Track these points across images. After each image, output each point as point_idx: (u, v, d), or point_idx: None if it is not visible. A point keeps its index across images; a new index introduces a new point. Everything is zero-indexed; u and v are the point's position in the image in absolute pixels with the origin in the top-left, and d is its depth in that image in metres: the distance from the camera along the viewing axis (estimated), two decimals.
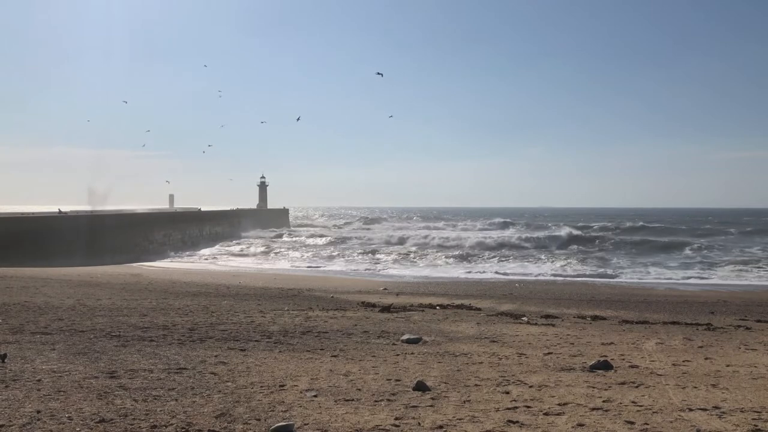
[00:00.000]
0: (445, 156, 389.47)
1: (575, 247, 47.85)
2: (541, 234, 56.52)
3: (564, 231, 56.34)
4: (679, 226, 74.26)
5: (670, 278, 29.34)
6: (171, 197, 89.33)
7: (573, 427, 4.75)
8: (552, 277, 30.20)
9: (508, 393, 5.84)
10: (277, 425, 4.55)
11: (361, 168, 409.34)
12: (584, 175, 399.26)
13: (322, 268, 34.73)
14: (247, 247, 46.44)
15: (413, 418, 4.92)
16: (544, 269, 33.21)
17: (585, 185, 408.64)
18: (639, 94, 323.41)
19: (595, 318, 13.40)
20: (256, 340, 8.73)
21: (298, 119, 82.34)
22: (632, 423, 4.86)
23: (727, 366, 7.53)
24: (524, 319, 12.70)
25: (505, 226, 79.51)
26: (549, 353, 8.28)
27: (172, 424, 4.59)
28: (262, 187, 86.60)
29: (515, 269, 33.45)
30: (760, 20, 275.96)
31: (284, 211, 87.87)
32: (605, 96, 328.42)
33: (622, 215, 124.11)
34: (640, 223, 73.76)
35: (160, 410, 4.96)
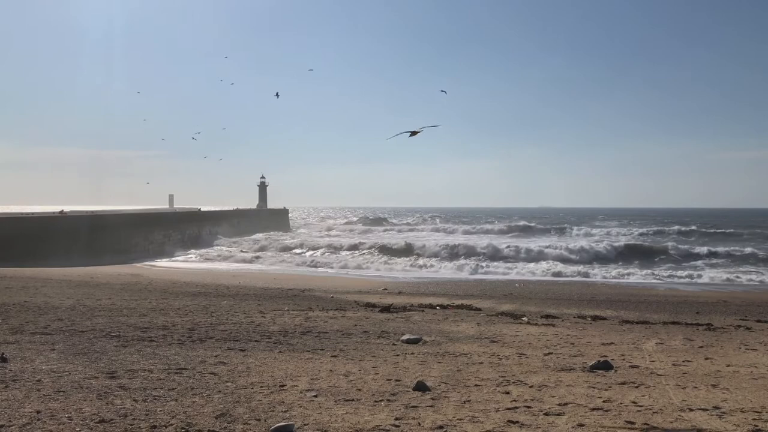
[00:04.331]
0: (444, 156, 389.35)
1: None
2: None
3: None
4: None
5: None
6: (171, 197, 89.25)
7: (573, 427, 4.75)
8: (552, 278, 30.19)
9: (508, 393, 5.84)
10: (277, 425, 4.54)
11: (359, 168, 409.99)
12: (583, 175, 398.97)
13: (320, 270, 34.68)
14: (247, 248, 46.37)
15: (413, 418, 4.91)
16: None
17: (583, 185, 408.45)
18: (639, 94, 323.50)
19: (595, 318, 13.40)
20: (256, 341, 8.72)
21: (277, 95, 79.96)
22: (632, 423, 4.85)
23: (728, 366, 7.53)
24: (524, 319, 12.69)
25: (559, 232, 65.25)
26: (549, 353, 8.27)
27: (172, 424, 4.58)
28: (262, 187, 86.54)
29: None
30: (765, 19, 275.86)
31: (284, 211, 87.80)
32: (605, 96, 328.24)
33: (626, 215, 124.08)
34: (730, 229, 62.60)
35: (160, 410, 4.95)
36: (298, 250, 44.50)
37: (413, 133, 14.32)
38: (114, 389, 5.58)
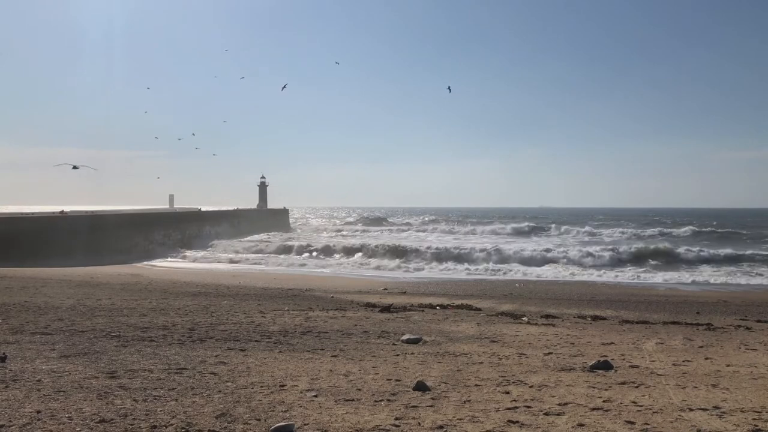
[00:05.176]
0: (444, 156, 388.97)
1: None
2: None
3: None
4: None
5: None
6: (171, 197, 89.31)
7: (573, 427, 4.75)
8: (552, 278, 30.18)
9: (508, 393, 5.84)
10: (277, 425, 4.55)
11: (359, 168, 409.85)
12: (583, 175, 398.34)
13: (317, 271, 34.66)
14: (247, 248, 46.31)
15: (413, 418, 4.91)
16: None
17: (583, 185, 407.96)
18: (639, 94, 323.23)
19: (595, 318, 13.41)
20: (256, 340, 8.73)
21: (284, 87, 79.09)
22: (632, 423, 4.86)
23: (728, 366, 7.53)
24: (524, 319, 12.70)
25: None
26: (549, 353, 8.27)
27: (172, 424, 4.58)
28: (262, 187, 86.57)
29: None
30: (765, 19, 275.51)
31: (284, 212, 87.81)
32: (605, 96, 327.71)
33: (626, 215, 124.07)
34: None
35: (160, 410, 4.95)
36: (298, 250, 44.39)
37: (75, 167, 20.97)
38: (114, 389, 5.59)
